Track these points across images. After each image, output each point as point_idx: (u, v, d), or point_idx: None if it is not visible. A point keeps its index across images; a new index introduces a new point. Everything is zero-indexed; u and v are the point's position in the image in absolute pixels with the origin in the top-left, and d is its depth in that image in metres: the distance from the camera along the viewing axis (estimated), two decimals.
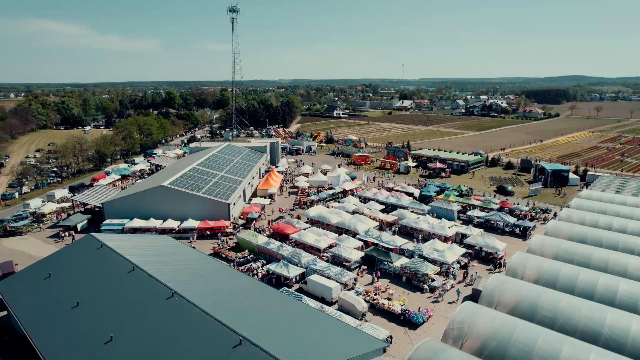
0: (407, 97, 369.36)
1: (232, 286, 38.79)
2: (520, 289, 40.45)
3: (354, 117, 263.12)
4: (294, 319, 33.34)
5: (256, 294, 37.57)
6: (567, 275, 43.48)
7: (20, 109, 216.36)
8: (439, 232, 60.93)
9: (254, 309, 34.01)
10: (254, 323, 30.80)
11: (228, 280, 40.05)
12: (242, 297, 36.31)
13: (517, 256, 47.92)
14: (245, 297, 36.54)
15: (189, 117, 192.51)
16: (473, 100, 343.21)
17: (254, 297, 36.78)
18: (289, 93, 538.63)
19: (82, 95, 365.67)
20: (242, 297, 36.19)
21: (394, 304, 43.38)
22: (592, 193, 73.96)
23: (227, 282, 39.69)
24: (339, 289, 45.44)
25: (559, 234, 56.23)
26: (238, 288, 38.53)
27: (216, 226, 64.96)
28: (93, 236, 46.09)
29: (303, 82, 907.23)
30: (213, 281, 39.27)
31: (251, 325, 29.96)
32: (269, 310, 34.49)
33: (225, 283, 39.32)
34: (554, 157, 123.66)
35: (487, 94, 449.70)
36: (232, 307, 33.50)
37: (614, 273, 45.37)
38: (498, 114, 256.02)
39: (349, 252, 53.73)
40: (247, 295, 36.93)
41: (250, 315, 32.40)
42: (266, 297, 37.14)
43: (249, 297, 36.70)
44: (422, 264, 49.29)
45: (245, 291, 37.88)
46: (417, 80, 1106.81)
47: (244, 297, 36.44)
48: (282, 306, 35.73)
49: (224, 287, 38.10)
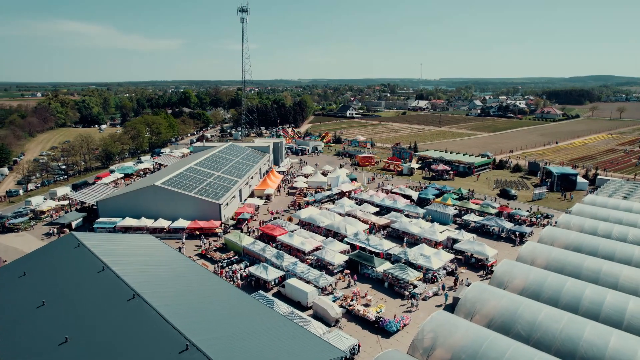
0: (424, 97, 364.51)
1: (201, 289, 38.35)
2: (500, 299, 38.81)
3: (367, 117, 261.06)
4: (253, 325, 32.65)
5: (223, 298, 37.05)
6: (552, 285, 41.54)
7: (40, 108, 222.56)
8: (430, 236, 59.35)
9: (215, 314, 33.45)
10: (209, 328, 30.25)
11: (198, 283, 39.62)
12: (206, 300, 35.80)
13: (503, 264, 46.13)
14: (210, 300, 36.03)
15: (200, 117, 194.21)
16: (491, 101, 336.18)
17: (220, 301, 36.25)
18: (306, 93, 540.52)
19: (102, 94, 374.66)
20: (206, 301, 35.67)
21: (369, 310, 42.24)
22: (597, 198, 70.94)
23: (197, 284, 39.26)
24: (315, 294, 44.56)
25: (554, 241, 54.00)
26: (206, 291, 38.07)
27: (206, 226, 64.90)
28: (73, 235, 46.30)
29: (322, 82, 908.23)
30: (182, 283, 38.89)
31: (205, 330, 29.43)
32: (231, 315, 33.89)
33: (194, 285, 38.90)
34: (566, 159, 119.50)
35: (507, 94, 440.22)
36: (192, 310, 33.01)
37: (604, 284, 43.17)
38: (515, 115, 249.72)
39: (332, 255, 52.75)
40: (213, 299, 36.41)
41: (208, 320, 31.85)
42: (233, 301, 36.58)
43: (214, 300, 36.18)
44: (404, 270, 47.94)
45: (212, 294, 37.40)
46: (438, 80, 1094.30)
47: (209, 300, 35.92)
48: (246, 311, 35.10)
49: (191, 290, 37.68)
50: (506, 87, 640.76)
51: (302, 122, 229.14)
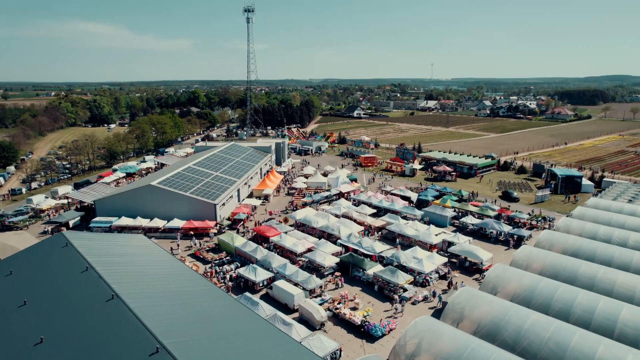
0: (433, 98, 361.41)
1: (183, 291, 38.09)
2: (489, 305, 37.81)
3: (374, 118, 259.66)
4: (231, 328, 32.29)
5: (205, 300, 36.74)
6: (543, 291, 40.35)
7: (51, 108, 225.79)
8: (425, 239, 58.40)
9: (193, 316, 33.11)
10: (183, 331, 29.91)
11: (182, 284, 39.40)
12: (187, 302, 35.47)
13: (495, 268, 45.05)
14: (191, 302, 35.69)
15: (207, 116, 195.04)
16: (501, 101, 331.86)
17: (201, 303, 35.92)
18: (316, 93, 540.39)
19: (114, 94, 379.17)
20: (187, 303, 35.34)
21: (355, 314, 41.55)
22: (600, 201, 69.15)
23: (180, 286, 39.04)
24: (302, 296, 44.02)
25: (551, 245, 52.68)
26: (189, 293, 37.79)
27: (200, 227, 64.80)
28: (63, 234, 46.53)
29: (333, 82, 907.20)
30: (165, 284, 38.68)
31: (179, 333, 29.09)
32: (210, 317, 33.54)
33: (177, 287, 38.67)
34: (573, 161, 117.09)
35: (518, 94, 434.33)
36: (170, 312, 32.72)
37: (599, 290, 41.88)
38: (524, 116, 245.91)
39: (323, 257, 52.15)
40: (194, 301, 36.09)
41: (185, 322, 31.52)
42: (214, 303, 36.25)
43: (195, 302, 35.85)
44: (394, 273, 47.13)
45: (194, 296, 37.09)
46: (450, 80, 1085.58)
47: (189, 302, 35.59)
48: (226, 314, 34.76)
49: (173, 291, 37.42)
50: (519, 87, 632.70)
51: (308, 122, 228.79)
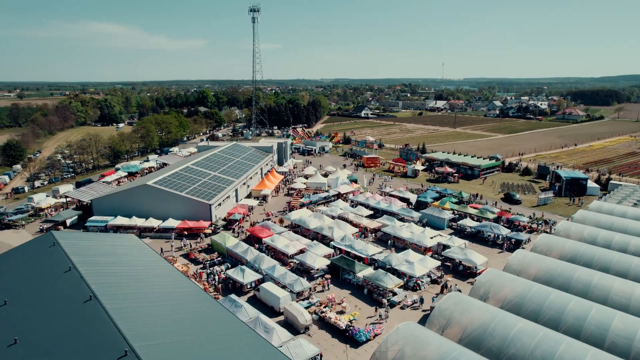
0: (443, 98, 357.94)
1: (165, 292, 37.78)
2: (476, 311, 36.77)
3: (382, 118, 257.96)
4: (207, 331, 31.82)
5: (185, 301, 36.39)
6: (534, 298, 39.14)
7: (61, 107, 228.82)
8: (419, 241, 57.36)
9: (170, 318, 32.73)
10: (157, 333, 29.54)
11: (164, 285, 39.10)
12: (166, 304, 35.14)
13: (487, 273, 43.89)
14: (170, 304, 35.36)
15: (213, 116, 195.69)
16: (512, 101, 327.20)
17: (181, 305, 35.58)
18: (326, 92, 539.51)
19: (125, 94, 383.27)
20: (166, 304, 35.00)
21: (340, 318, 40.84)
22: (603, 204, 67.27)
23: (162, 286, 38.74)
24: (288, 299, 43.45)
25: (548, 250, 51.28)
26: (170, 294, 37.47)
27: (194, 227, 64.62)
28: (52, 234, 46.59)
29: (344, 82, 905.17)
30: (147, 285, 38.37)
31: (152, 336, 28.73)
32: (187, 320, 33.11)
33: (159, 288, 38.36)
34: (580, 163, 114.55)
35: (530, 94, 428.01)
36: (146, 314, 32.38)
37: (593, 297, 40.53)
38: (534, 116, 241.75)
39: (313, 259, 51.51)
40: (174, 302, 35.75)
41: (160, 325, 31.15)
42: (194, 306, 35.88)
43: (175, 304, 35.51)
44: (384, 277, 46.28)
45: (175, 298, 36.77)
46: (462, 80, 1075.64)
47: (169, 304, 35.25)
48: (205, 317, 34.34)
49: (153, 292, 37.09)
50: (532, 87, 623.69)
51: (315, 121, 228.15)
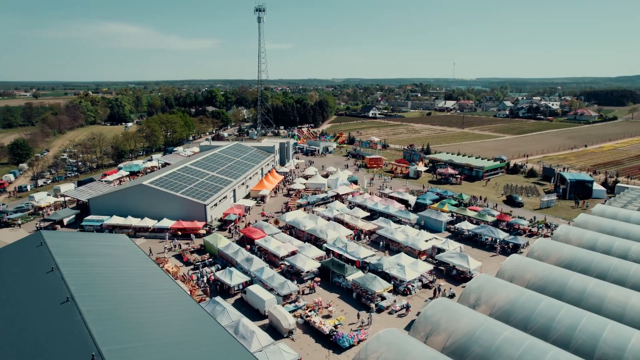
0: (453, 98, 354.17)
1: (145, 293, 37.39)
2: (461, 319, 35.64)
3: (390, 118, 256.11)
4: (181, 335, 31.34)
5: (164, 304, 36.00)
6: (524, 306, 37.86)
7: (71, 106, 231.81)
8: (414, 245, 56.27)
9: (145, 321, 32.29)
10: (128, 337, 29.14)
11: (146, 287, 38.76)
12: (144, 306, 34.73)
13: (477, 279, 42.73)
14: (148, 306, 34.94)
15: (219, 116, 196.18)
16: (523, 102, 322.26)
17: (159, 307, 35.17)
18: (336, 92, 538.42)
19: (136, 93, 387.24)
20: (144, 307, 34.60)
21: (325, 323, 40.08)
22: (607, 208, 65.35)
23: (143, 288, 38.39)
24: (273, 302, 42.83)
25: (544, 255, 49.86)
26: (150, 296, 37.08)
27: (188, 227, 64.41)
28: (41, 233, 46.69)
29: (355, 82, 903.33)
30: (127, 286, 38.04)
31: (122, 339, 28.34)
32: (162, 323, 32.68)
33: (139, 289, 37.99)
34: (589, 165, 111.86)
35: (542, 94, 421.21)
36: (121, 316, 32.01)
37: (586, 305, 39.13)
38: (545, 117, 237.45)
39: (304, 262, 50.82)
40: (152, 304, 35.35)
41: (133, 328, 30.75)
42: (173, 308, 35.50)
43: (153, 306, 35.09)
44: (372, 281, 45.37)
45: (154, 300, 36.37)
46: (474, 80, 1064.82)
47: (147, 306, 34.84)
48: (182, 320, 33.93)
49: (133, 294, 36.72)
50: (545, 87, 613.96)
51: (322, 121, 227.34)
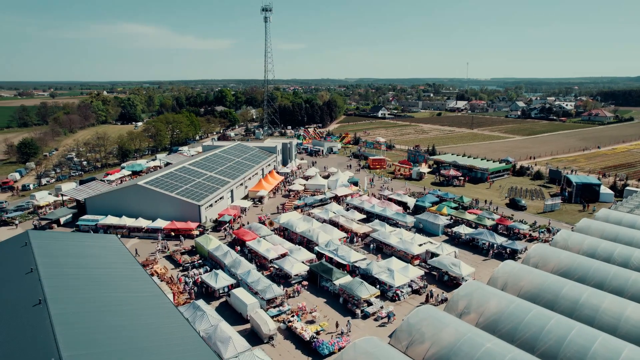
0: (464, 98, 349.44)
1: (120, 296, 36.83)
2: (444, 329, 34.29)
3: (399, 118, 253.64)
4: (146, 341, 30.63)
5: (138, 307, 35.41)
6: (512, 316, 36.31)
7: (82, 106, 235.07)
8: (407, 249, 54.86)
9: (114, 326, 31.66)
10: (93, 342, 28.55)
11: (122, 290, 38.27)
12: (116, 309, 34.13)
13: (467, 286, 41.26)
14: (120, 310, 34.27)
15: (227, 115, 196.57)
16: (537, 102, 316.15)
17: (131, 311, 34.54)
18: (349, 92, 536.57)
19: (148, 93, 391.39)
20: (115, 310, 33.99)
21: (307, 328, 39.08)
22: (611, 213, 62.99)
23: (120, 291, 37.90)
24: (255, 306, 41.98)
25: (540, 261, 48.07)
26: (124, 299, 36.51)
27: (182, 228, 64.05)
28: (28, 233, 46.65)
29: (368, 81, 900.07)
30: (104, 289, 37.50)
31: (87, 344, 27.79)
32: (131, 327, 31.99)
33: (115, 292, 37.43)
34: (599, 167, 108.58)
35: (558, 95, 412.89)
36: (90, 320, 31.49)
37: (579, 316, 37.41)
38: (558, 117, 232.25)
39: (291, 265, 49.88)
40: (125, 308, 34.73)
41: (100, 332, 30.12)
42: (146, 312, 34.90)
43: (126, 310, 34.43)
44: (358, 286, 44.21)
45: (129, 303, 35.81)
46: (488, 80, 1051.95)
47: (119, 309, 34.22)
48: (153, 325, 33.27)
49: (107, 297, 36.13)
50: (561, 87, 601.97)
51: (330, 121, 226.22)
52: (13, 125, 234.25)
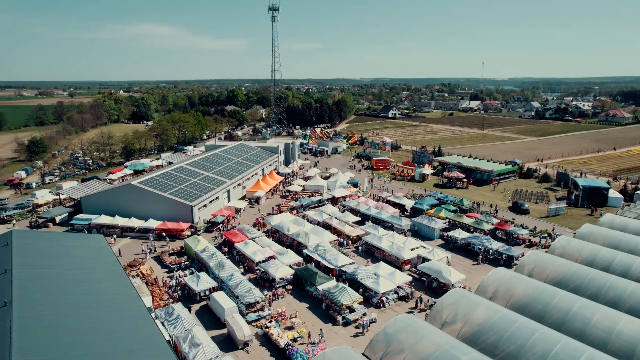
0: (478, 98, 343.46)
1: (90, 299, 36.12)
2: (422, 341, 32.60)
3: (410, 118, 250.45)
4: (106, 347, 29.73)
5: (107, 312, 34.66)
6: (495, 328, 34.33)
7: (95, 105, 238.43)
8: (397, 253, 53.21)
9: (77, 331, 30.87)
10: (50, 348, 27.84)
11: (95, 292, 37.65)
12: (83, 314, 33.38)
13: (451, 295, 39.40)
14: (88, 314, 33.48)
15: (236, 115, 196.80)
16: (553, 102, 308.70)
17: (99, 316, 33.78)
18: (362, 92, 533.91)
19: (162, 92, 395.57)
20: (82, 313, 33.25)
21: (282, 335, 37.90)
22: (616, 218, 60.12)
23: (94, 294, 37.31)
24: (233, 310, 41.02)
25: (535, 269, 45.89)
26: (94, 302, 35.79)
27: (173, 228, 63.59)
28: (11, 232, 46.52)
29: (383, 81, 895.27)
30: (77, 291, 37.02)
31: (43, 351, 27.09)
32: (95, 332, 31.10)
33: (87, 295, 36.80)
34: (611, 170, 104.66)
35: (576, 95, 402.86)
36: (53, 325, 30.74)
37: (568, 330, 35.34)
38: (573, 118, 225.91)
39: (276, 268, 48.79)
40: (93, 313, 33.98)
41: (60, 338, 29.28)
42: (112, 316, 34.08)
43: (92, 315, 33.65)
44: (341, 291, 42.86)
45: (99, 308, 35.14)
46: (506, 80, 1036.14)
47: (86, 313, 33.44)
48: (117, 329, 32.46)
49: (76, 300, 35.54)
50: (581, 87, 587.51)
51: (339, 121, 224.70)
52: (30, 124, 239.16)
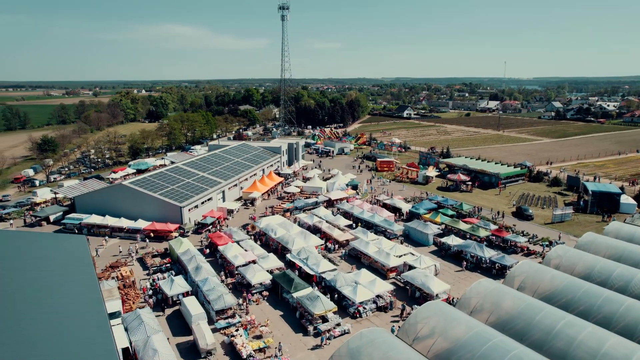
0: (498, 98, 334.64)
1: (52, 303, 35.45)
2: (385, 354, 30.65)
3: (425, 118, 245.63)
4: (50, 355, 28.84)
5: (62, 317, 33.71)
6: (468, 346, 31.81)
7: (112, 104, 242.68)
8: (383, 260, 50.96)
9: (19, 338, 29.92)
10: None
11: (60, 296, 36.89)
12: (37, 319, 32.61)
13: (426, 308, 36.95)
14: (43, 320, 32.67)
15: (246, 114, 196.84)
16: (577, 102, 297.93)
17: (50, 322, 32.85)
18: (382, 92, 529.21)
19: (180, 92, 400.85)
20: (37, 319, 32.50)
21: (247, 345, 36.34)
22: (623, 227, 56.21)
23: (56, 298, 36.52)
24: (201, 317, 39.67)
25: (526, 281, 42.99)
26: (55, 307, 35.06)
27: (161, 229, 62.90)
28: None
29: (404, 81, 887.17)
30: (39, 295, 36.24)
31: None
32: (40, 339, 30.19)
33: (51, 299, 36.12)
34: (628, 174, 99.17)
35: (603, 94, 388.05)
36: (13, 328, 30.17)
37: (550, 352, 32.55)
38: (596, 119, 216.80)
39: (253, 274, 47.29)
40: (46, 318, 33.14)
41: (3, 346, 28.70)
42: (66, 323, 33.12)
43: (47, 320, 32.75)
44: (313, 301, 40.99)
45: (55, 312, 34.28)
46: (530, 80, 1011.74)
47: (40, 319, 32.66)
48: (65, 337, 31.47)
49: (35, 304, 34.68)
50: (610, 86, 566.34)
51: (352, 121, 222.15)
52: (53, 122, 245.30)
